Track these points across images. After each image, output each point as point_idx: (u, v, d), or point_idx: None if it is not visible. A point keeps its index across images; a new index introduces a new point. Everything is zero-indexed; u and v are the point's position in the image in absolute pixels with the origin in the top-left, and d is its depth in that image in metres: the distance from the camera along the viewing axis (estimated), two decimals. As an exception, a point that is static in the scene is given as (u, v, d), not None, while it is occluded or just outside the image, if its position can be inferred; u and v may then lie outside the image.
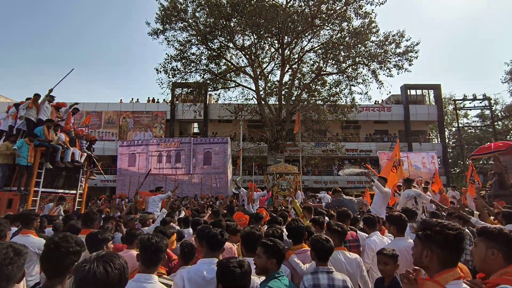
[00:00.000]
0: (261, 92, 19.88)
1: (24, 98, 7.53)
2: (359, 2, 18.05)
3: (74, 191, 8.23)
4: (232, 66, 20.76)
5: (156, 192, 7.43)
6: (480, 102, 27.86)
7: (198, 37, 18.63)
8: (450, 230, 1.37)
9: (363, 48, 18.65)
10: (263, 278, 2.04)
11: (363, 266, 2.73)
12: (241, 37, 19.79)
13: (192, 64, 19.48)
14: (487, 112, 29.60)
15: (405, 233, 2.94)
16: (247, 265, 1.70)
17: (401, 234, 2.88)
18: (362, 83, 19.33)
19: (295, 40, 19.40)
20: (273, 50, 20.49)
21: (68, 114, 8.20)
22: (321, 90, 20.31)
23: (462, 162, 28.47)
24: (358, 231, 3.52)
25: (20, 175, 6.72)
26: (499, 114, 30.83)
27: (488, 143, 10.45)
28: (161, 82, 19.60)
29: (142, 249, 1.87)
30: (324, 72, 20.07)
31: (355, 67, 19.26)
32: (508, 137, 28.79)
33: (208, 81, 20.45)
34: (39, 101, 7.29)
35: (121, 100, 26.17)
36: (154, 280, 1.81)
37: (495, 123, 28.55)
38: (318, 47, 19.96)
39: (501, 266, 1.53)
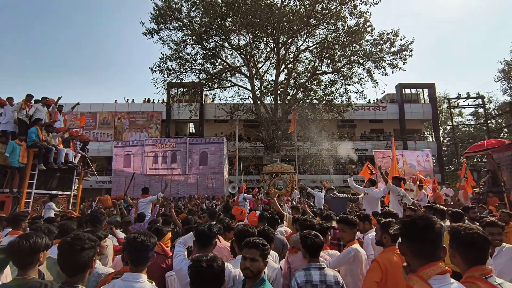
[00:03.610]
0: (257, 92, 19.89)
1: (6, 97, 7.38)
2: (353, 2, 18.17)
3: (68, 192, 8.16)
4: (227, 66, 20.71)
5: (144, 195, 7.15)
6: (474, 101, 28.14)
7: (193, 37, 18.56)
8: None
9: (358, 47, 18.74)
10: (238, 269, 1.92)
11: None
12: (237, 37, 19.77)
13: (187, 64, 19.41)
14: (481, 110, 29.92)
15: None
16: (219, 264, 1.60)
17: None
18: (357, 82, 19.48)
19: (291, 39, 19.41)
20: (268, 49, 20.50)
21: (55, 112, 8.12)
22: (316, 89, 20.37)
23: (456, 160, 28.73)
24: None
25: (12, 176, 6.64)
26: (493, 112, 31.12)
27: (482, 141, 10.53)
28: (156, 82, 19.53)
29: (128, 248, 1.85)
30: (320, 72, 20.12)
31: (350, 66, 19.36)
32: (501, 134, 29.12)
33: (204, 81, 20.38)
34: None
35: (115, 100, 25.99)
36: (142, 279, 1.79)
37: (488, 121, 28.85)
38: (314, 47, 20.01)
39: (463, 268, 1.49)
